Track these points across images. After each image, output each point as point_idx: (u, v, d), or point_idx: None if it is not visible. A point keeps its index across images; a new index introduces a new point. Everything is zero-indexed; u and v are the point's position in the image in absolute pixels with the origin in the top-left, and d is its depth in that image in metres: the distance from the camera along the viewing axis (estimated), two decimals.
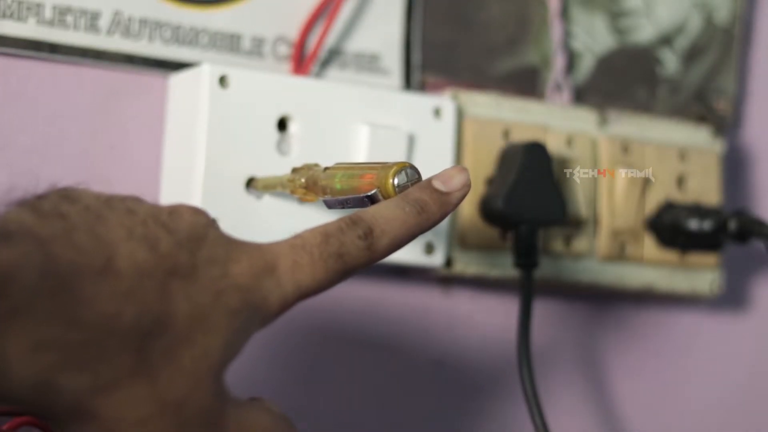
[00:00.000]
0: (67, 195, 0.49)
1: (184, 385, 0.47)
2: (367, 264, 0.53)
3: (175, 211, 0.50)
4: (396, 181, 0.55)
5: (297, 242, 0.52)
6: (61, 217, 0.47)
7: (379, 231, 0.53)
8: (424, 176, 0.56)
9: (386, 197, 0.55)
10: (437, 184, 0.55)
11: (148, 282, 0.47)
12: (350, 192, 0.58)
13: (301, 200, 0.64)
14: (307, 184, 0.62)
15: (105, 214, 0.48)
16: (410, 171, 0.56)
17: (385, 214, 0.53)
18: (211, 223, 0.51)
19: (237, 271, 0.49)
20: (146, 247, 0.47)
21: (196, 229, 0.50)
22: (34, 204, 0.47)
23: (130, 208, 0.49)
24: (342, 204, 0.59)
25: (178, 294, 0.47)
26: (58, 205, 0.48)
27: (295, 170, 0.64)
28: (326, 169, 0.61)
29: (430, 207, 0.54)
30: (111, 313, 0.45)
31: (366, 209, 0.54)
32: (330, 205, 0.60)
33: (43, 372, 0.44)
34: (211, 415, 0.48)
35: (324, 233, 0.52)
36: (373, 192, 0.56)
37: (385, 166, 0.56)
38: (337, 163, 0.61)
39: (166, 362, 0.46)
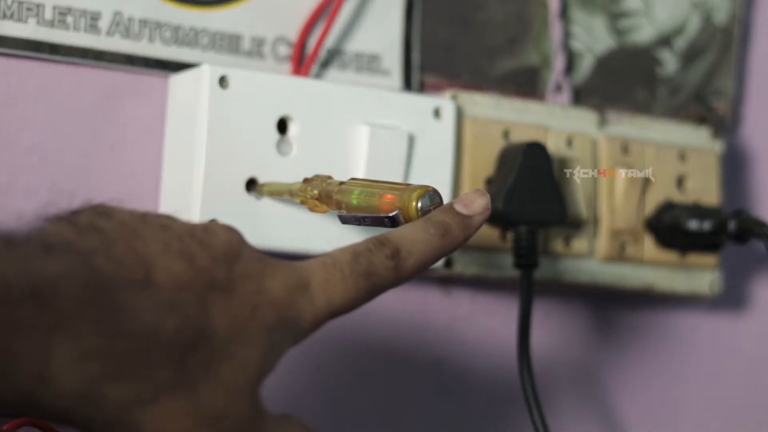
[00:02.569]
0: (102, 211, 0.49)
1: (223, 399, 0.47)
2: (394, 284, 0.53)
3: (209, 228, 0.51)
4: (419, 205, 0.56)
5: (328, 260, 0.52)
6: (99, 232, 0.47)
7: (405, 252, 0.53)
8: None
9: (408, 219, 0.56)
10: (459, 208, 0.56)
11: (187, 295, 0.47)
12: (367, 210, 0.58)
13: (311, 211, 0.64)
14: (320, 196, 0.63)
15: (140, 229, 0.48)
16: (433, 195, 0.56)
17: (411, 236, 0.54)
18: (244, 241, 0.51)
19: (272, 287, 0.50)
20: (184, 261, 0.48)
21: (231, 246, 0.50)
22: (71, 219, 0.48)
23: (165, 224, 0.49)
24: (359, 221, 0.59)
25: (217, 307, 0.47)
26: (95, 221, 0.48)
27: (306, 181, 0.64)
28: (342, 183, 0.61)
29: (453, 230, 0.55)
30: (153, 324, 0.45)
31: (392, 231, 0.54)
32: (345, 220, 0.60)
33: (88, 383, 0.44)
34: (248, 428, 0.48)
35: (353, 252, 0.53)
36: (395, 213, 0.56)
37: (408, 189, 0.56)
38: (352, 179, 0.61)
39: (205, 375, 0.46)
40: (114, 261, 0.46)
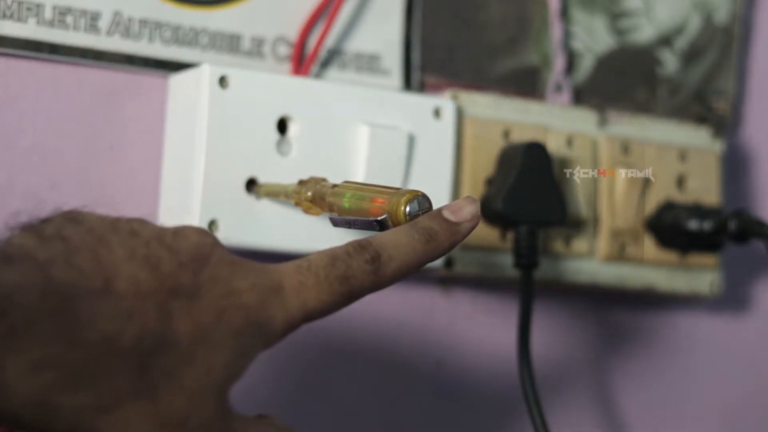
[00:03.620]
0: (71, 218, 0.49)
1: (186, 404, 0.47)
2: (374, 289, 0.53)
3: (180, 232, 0.50)
4: (408, 209, 0.55)
5: (303, 264, 0.52)
6: (63, 240, 0.47)
7: (386, 257, 0.53)
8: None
9: (396, 224, 0.55)
10: (447, 214, 0.55)
11: (149, 302, 0.47)
12: (358, 213, 0.58)
13: (305, 213, 0.64)
14: (314, 197, 0.62)
15: (107, 236, 0.48)
16: (422, 200, 0.56)
17: (394, 241, 0.53)
18: (216, 244, 0.51)
19: (241, 291, 0.49)
20: (148, 268, 0.48)
21: (199, 249, 0.50)
22: (38, 228, 0.48)
23: (134, 229, 0.49)
24: (349, 224, 0.59)
25: (180, 314, 0.47)
26: (61, 228, 0.48)
27: (301, 182, 0.64)
28: (335, 186, 0.61)
29: (439, 236, 0.54)
30: (111, 333, 0.45)
31: (375, 235, 0.54)
32: (336, 223, 0.60)
33: (43, 391, 0.44)
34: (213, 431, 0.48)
35: (331, 256, 0.52)
36: (383, 217, 0.56)
37: (397, 193, 0.56)
38: (346, 181, 0.61)
39: (167, 381, 0.46)
40: (74, 270, 0.46)
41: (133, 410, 0.46)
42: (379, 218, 0.56)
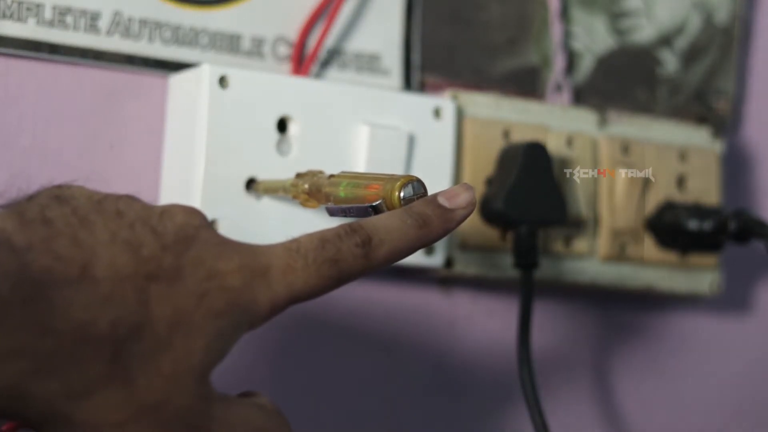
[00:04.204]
0: (58, 195, 0.49)
1: (163, 389, 0.47)
2: (363, 272, 0.52)
3: (167, 211, 0.50)
4: (402, 194, 0.55)
5: (292, 246, 0.51)
6: (45, 223, 0.47)
7: (377, 240, 0.52)
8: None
9: (390, 209, 0.55)
10: (441, 200, 0.55)
11: (126, 287, 0.47)
12: (354, 201, 0.58)
13: (303, 206, 0.64)
14: (311, 190, 0.62)
15: (92, 217, 0.48)
16: (417, 185, 0.55)
17: (386, 225, 0.53)
18: (204, 224, 0.50)
19: (225, 272, 0.49)
20: (128, 252, 0.47)
21: (185, 230, 0.49)
22: (21, 209, 0.48)
23: (120, 210, 0.49)
24: (344, 212, 0.59)
25: (159, 298, 0.47)
26: (46, 209, 0.48)
27: (299, 175, 0.64)
28: (331, 176, 0.61)
29: (432, 222, 0.54)
30: (85, 320, 0.45)
31: (367, 219, 0.54)
32: (332, 212, 0.60)
33: (13, 379, 0.44)
34: (193, 416, 0.48)
35: (321, 238, 0.52)
36: (378, 203, 0.56)
37: (392, 179, 0.56)
38: (343, 172, 0.61)
39: (143, 366, 0.46)
40: (51, 256, 0.46)
41: (107, 396, 0.46)
42: (373, 204, 0.56)
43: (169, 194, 0.69)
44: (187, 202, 0.67)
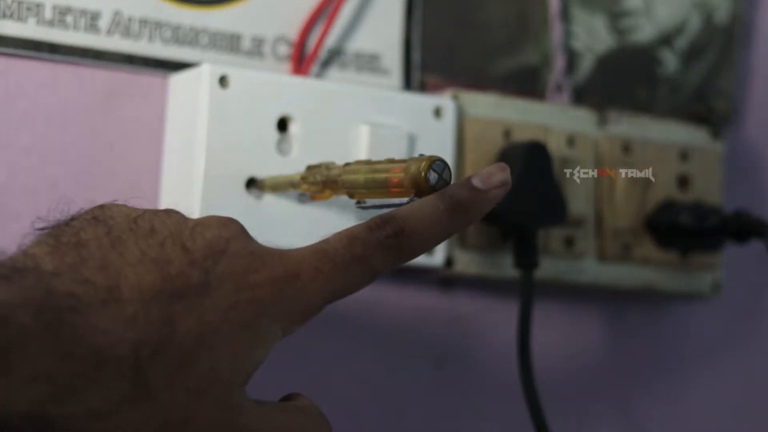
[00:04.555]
0: (96, 216, 0.50)
1: (188, 403, 0.47)
2: (396, 264, 0.52)
3: (201, 224, 0.51)
4: (429, 176, 0.53)
5: (320, 247, 0.51)
6: (77, 246, 0.48)
7: (409, 230, 0.52)
8: None
9: (418, 190, 0.54)
10: (476, 182, 0.53)
11: (151, 307, 0.47)
12: (375, 186, 0.56)
13: (313, 199, 0.63)
14: (325, 182, 0.62)
15: (124, 237, 0.49)
16: (439, 164, 0.53)
17: (419, 213, 0.52)
18: (236, 235, 0.51)
19: (254, 284, 0.49)
20: (155, 271, 0.48)
21: (215, 244, 0.50)
22: (58, 232, 0.49)
23: (154, 227, 0.49)
24: (379, 207, 0.57)
25: (184, 315, 0.47)
26: (81, 231, 0.49)
27: (310, 168, 0.64)
28: (346, 164, 0.60)
29: (466, 205, 0.53)
30: (107, 343, 0.46)
31: (399, 208, 0.53)
32: (365, 208, 0.58)
33: (35, 403, 0.45)
34: (221, 427, 0.48)
35: (350, 236, 0.51)
36: (411, 198, 0.54)
37: (416, 160, 0.54)
38: (357, 161, 0.60)
39: (167, 383, 0.46)
40: (78, 280, 0.46)
41: (129, 414, 0.46)
42: (405, 200, 0.54)
43: (169, 194, 0.69)
44: (187, 202, 0.67)
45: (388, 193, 0.56)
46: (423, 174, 0.53)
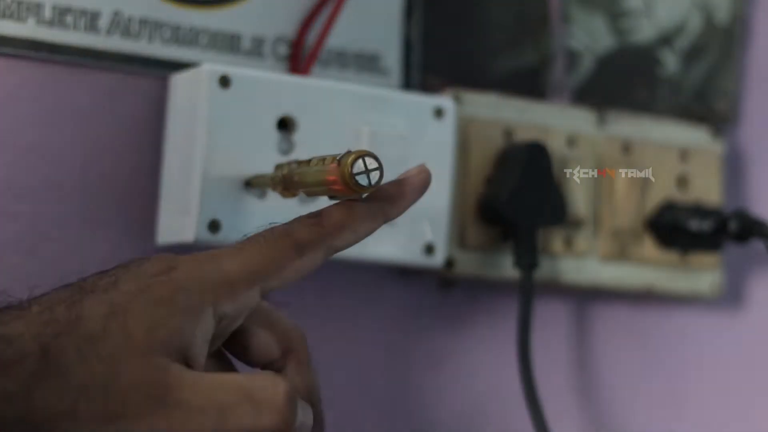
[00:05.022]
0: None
1: (105, 369, 0.49)
2: (321, 238, 0.55)
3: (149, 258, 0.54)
4: (353, 170, 0.54)
5: (243, 238, 0.55)
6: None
7: (327, 212, 0.55)
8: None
9: (345, 185, 0.55)
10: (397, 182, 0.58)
11: (57, 306, 0.50)
12: (318, 185, 0.57)
13: (283, 197, 0.63)
14: (285, 179, 0.62)
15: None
16: (369, 159, 0.55)
17: (334, 206, 0.56)
18: (178, 264, 0.53)
19: (170, 268, 0.52)
20: (71, 288, 0.52)
21: (145, 259, 0.53)
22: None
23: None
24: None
25: (92, 303, 0.51)
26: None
27: (278, 167, 0.64)
28: (300, 162, 0.60)
29: (382, 192, 0.57)
30: (7, 334, 0.49)
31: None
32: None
33: None
34: (149, 387, 0.50)
35: (272, 225, 0.55)
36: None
37: (344, 155, 0.55)
38: (314, 157, 0.60)
39: (78, 357, 0.49)
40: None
41: (44, 390, 0.49)
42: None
43: (169, 194, 0.69)
44: (187, 203, 0.67)
45: (331, 191, 0.57)
46: (348, 170, 0.54)
